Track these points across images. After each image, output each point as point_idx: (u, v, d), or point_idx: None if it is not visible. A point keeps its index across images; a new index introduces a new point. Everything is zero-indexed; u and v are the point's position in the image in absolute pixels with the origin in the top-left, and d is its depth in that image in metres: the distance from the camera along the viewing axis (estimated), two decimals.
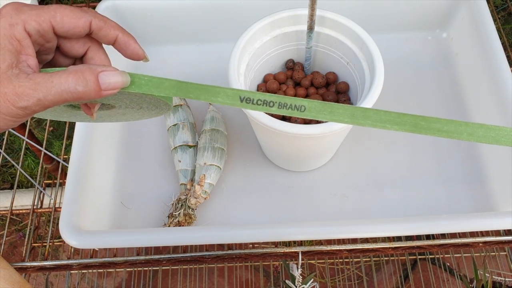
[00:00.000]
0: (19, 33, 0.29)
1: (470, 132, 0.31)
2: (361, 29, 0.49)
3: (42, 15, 0.30)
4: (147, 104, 0.38)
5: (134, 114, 0.41)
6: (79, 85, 0.29)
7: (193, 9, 0.63)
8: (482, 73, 0.57)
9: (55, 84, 0.29)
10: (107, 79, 0.31)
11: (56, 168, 0.82)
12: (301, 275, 0.53)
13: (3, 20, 0.29)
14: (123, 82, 0.31)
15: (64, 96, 0.29)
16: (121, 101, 0.37)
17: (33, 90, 0.29)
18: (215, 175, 0.54)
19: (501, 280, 0.94)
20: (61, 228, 0.47)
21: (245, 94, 0.33)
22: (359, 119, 0.33)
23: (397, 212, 0.54)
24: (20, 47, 0.30)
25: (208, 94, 0.33)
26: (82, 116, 0.42)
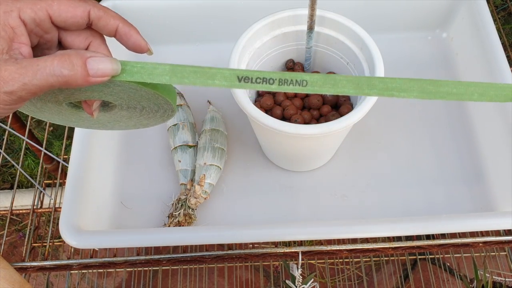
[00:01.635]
0: (13, 20, 0.29)
1: (481, 93, 0.30)
2: (361, 29, 0.49)
3: (39, 4, 0.30)
4: (147, 102, 0.37)
5: (139, 117, 0.40)
6: (64, 69, 0.28)
7: (193, 9, 0.63)
8: (482, 73, 0.57)
9: (40, 67, 0.28)
10: (95, 64, 0.29)
11: (56, 168, 0.82)
12: (301, 275, 0.53)
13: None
14: (113, 69, 0.30)
15: (49, 80, 0.28)
16: (119, 97, 0.36)
17: (18, 74, 0.28)
18: (215, 175, 0.54)
19: (501, 280, 0.94)
20: (61, 228, 0.47)
21: (243, 73, 0.31)
22: (364, 89, 0.31)
23: (397, 212, 0.54)
24: (13, 35, 0.29)
25: (204, 77, 0.31)
26: (89, 121, 0.41)
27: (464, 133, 0.59)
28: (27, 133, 0.68)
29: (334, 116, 0.51)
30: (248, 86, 0.31)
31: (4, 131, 0.84)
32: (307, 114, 0.52)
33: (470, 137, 0.58)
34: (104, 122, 0.42)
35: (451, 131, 0.59)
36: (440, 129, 0.59)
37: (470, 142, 0.58)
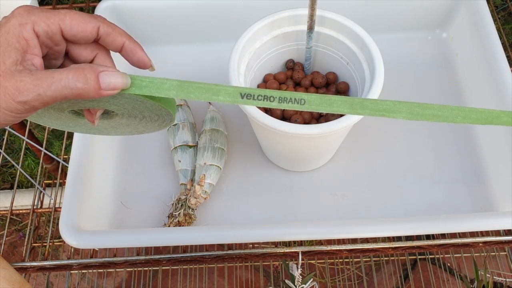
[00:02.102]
0: (27, 32, 0.30)
1: (464, 116, 0.33)
2: (361, 29, 0.49)
3: (52, 18, 0.31)
4: (149, 113, 0.38)
5: (137, 125, 0.41)
6: (79, 82, 0.30)
7: (193, 9, 0.63)
8: (482, 73, 0.57)
9: (55, 79, 0.30)
10: (107, 78, 0.31)
11: (56, 168, 0.82)
12: (301, 275, 0.53)
13: (14, 19, 0.30)
14: (123, 83, 0.32)
15: (63, 92, 0.30)
16: (123, 108, 0.37)
17: (33, 85, 0.29)
18: (215, 175, 0.54)
19: (501, 280, 0.94)
20: (61, 228, 0.47)
21: (246, 91, 0.33)
22: (357, 109, 0.33)
23: (397, 212, 0.54)
24: (27, 46, 0.30)
25: (209, 93, 0.33)
26: (87, 127, 0.42)
27: (464, 133, 0.59)
28: (27, 133, 0.68)
29: (334, 116, 0.51)
30: (250, 103, 0.33)
31: (4, 131, 0.84)
32: (307, 114, 0.52)
33: (470, 137, 0.58)
34: (101, 129, 0.43)
35: (451, 131, 0.59)
36: (440, 129, 0.59)
37: (470, 142, 0.58)
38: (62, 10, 0.32)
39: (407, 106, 0.33)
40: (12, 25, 0.30)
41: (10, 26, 0.30)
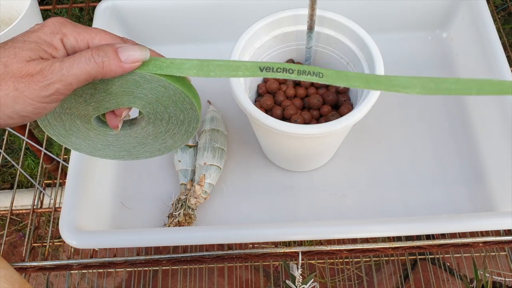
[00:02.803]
0: (57, 41, 0.32)
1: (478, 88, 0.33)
2: (361, 29, 0.49)
3: (82, 34, 0.32)
4: (174, 108, 0.37)
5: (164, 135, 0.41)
6: (99, 56, 0.31)
7: (193, 9, 0.63)
8: (482, 73, 0.57)
9: (76, 57, 0.31)
10: (125, 51, 0.32)
11: (56, 168, 0.82)
12: (301, 275, 0.53)
13: (47, 28, 0.32)
14: (142, 54, 0.32)
15: (86, 67, 0.31)
16: (148, 101, 0.37)
17: (56, 66, 0.30)
18: (215, 175, 0.54)
19: (501, 280, 0.94)
20: (61, 228, 0.47)
21: (265, 64, 0.34)
22: (372, 84, 0.34)
23: (397, 212, 0.54)
24: (55, 53, 0.32)
25: (229, 70, 0.34)
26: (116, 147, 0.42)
27: (464, 133, 0.59)
28: (27, 133, 0.68)
29: (334, 116, 0.51)
30: (269, 75, 0.33)
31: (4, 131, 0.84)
32: (307, 114, 0.52)
33: (470, 137, 0.58)
34: (129, 148, 0.43)
35: (451, 131, 0.59)
36: (440, 129, 0.59)
37: (470, 142, 0.58)
38: (93, 28, 0.33)
39: (421, 81, 0.33)
40: (45, 32, 0.32)
41: (42, 32, 0.32)
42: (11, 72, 0.30)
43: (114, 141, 0.42)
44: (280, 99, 0.53)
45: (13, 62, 0.30)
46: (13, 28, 0.53)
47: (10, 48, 0.31)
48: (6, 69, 0.30)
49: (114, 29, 0.62)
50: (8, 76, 0.30)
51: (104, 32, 0.33)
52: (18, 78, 0.30)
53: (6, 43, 0.31)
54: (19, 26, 0.53)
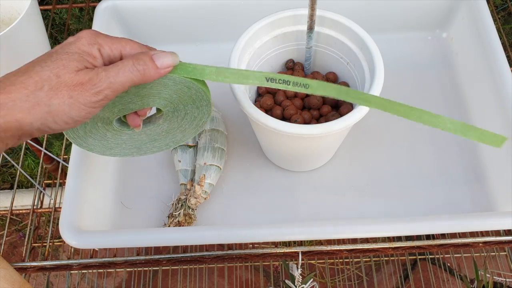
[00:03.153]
0: (95, 51, 0.35)
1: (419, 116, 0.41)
2: (361, 29, 0.49)
3: (115, 44, 0.36)
4: (191, 106, 0.42)
5: (176, 131, 0.45)
6: (139, 65, 0.35)
7: (193, 9, 0.63)
8: (482, 73, 0.57)
9: (120, 67, 0.35)
10: (160, 58, 0.36)
11: (56, 168, 0.82)
12: (301, 275, 0.53)
13: (83, 39, 0.35)
14: (174, 59, 0.37)
15: (130, 76, 0.35)
16: (170, 101, 0.41)
17: (104, 75, 0.34)
18: (215, 175, 0.54)
19: (501, 280, 0.94)
20: (61, 228, 0.47)
21: (270, 76, 0.39)
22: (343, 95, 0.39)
23: (397, 212, 0.54)
24: (94, 62, 0.35)
25: (241, 77, 0.39)
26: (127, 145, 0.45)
27: None
28: None
29: (334, 116, 0.51)
30: (273, 85, 0.39)
31: None
32: (307, 114, 0.52)
33: None
34: (140, 145, 0.46)
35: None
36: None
37: (470, 142, 0.58)
38: (123, 38, 0.37)
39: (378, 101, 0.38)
40: (82, 43, 0.35)
41: (81, 44, 0.35)
42: (64, 82, 0.33)
43: (128, 139, 0.45)
44: (280, 99, 0.53)
45: (64, 73, 0.33)
46: (13, 28, 0.52)
47: (57, 60, 0.34)
48: (59, 80, 0.33)
49: (114, 29, 0.62)
50: (61, 85, 0.33)
51: (132, 42, 0.37)
52: (71, 87, 0.33)
53: (51, 55, 0.34)
54: (19, 26, 0.53)
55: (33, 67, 0.34)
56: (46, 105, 0.33)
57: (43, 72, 0.33)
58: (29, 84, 0.33)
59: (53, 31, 0.88)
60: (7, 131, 0.33)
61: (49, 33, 0.72)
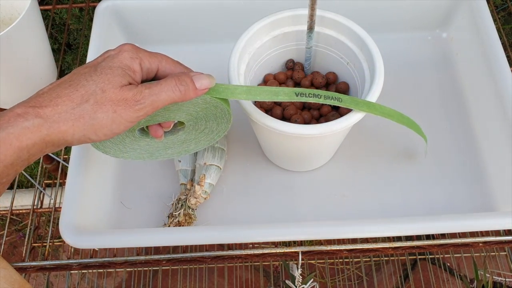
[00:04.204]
0: (136, 65, 0.37)
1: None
2: (361, 29, 0.49)
3: (153, 58, 0.38)
4: (212, 122, 0.44)
5: (191, 142, 0.47)
6: (181, 85, 0.37)
7: (193, 9, 0.63)
8: (482, 73, 0.57)
9: (163, 86, 0.37)
10: (199, 80, 0.38)
11: (56, 168, 0.82)
12: (301, 275, 0.53)
13: (126, 53, 0.37)
14: (211, 82, 0.39)
15: (171, 95, 0.37)
16: (195, 116, 0.43)
17: (147, 93, 0.36)
18: (215, 175, 0.54)
19: (501, 280, 0.94)
20: (61, 228, 0.47)
21: (299, 91, 0.41)
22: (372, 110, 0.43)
23: (397, 212, 0.54)
24: (134, 75, 0.37)
25: (271, 94, 0.41)
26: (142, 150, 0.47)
27: (464, 133, 0.59)
28: None
29: (334, 116, 0.51)
30: (303, 99, 0.41)
31: None
32: (307, 114, 0.52)
33: (470, 137, 0.58)
34: (153, 151, 0.47)
35: (451, 131, 0.59)
36: (440, 129, 0.59)
37: (470, 142, 0.58)
38: (159, 54, 0.39)
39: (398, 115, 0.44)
40: (125, 57, 0.37)
41: (123, 57, 0.37)
42: (109, 97, 0.35)
43: (144, 146, 0.46)
44: None
45: (109, 88, 0.35)
46: (13, 28, 0.52)
47: (102, 75, 0.35)
48: (104, 94, 0.35)
49: (114, 29, 0.62)
50: (106, 100, 0.35)
51: (167, 57, 0.39)
52: (115, 102, 0.35)
53: (95, 69, 0.36)
54: (19, 26, 0.53)
55: (78, 80, 0.35)
56: (91, 118, 0.35)
57: (89, 85, 0.35)
58: (75, 97, 0.34)
59: (53, 31, 0.88)
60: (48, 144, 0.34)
61: (49, 33, 0.72)
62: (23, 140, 0.33)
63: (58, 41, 0.90)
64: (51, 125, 0.34)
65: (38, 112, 0.34)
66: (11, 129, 0.33)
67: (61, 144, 0.35)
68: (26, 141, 0.33)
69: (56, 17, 0.85)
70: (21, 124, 0.33)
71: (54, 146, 0.35)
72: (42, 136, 0.34)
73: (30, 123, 0.33)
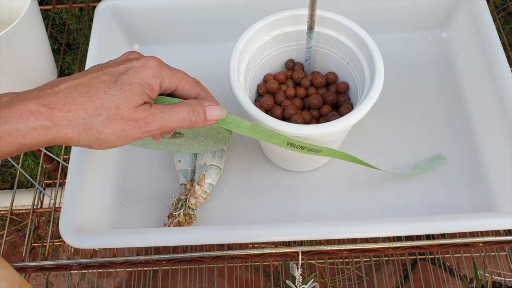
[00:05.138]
0: (156, 85, 0.37)
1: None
2: (361, 29, 0.49)
3: (174, 77, 0.38)
4: (212, 140, 0.45)
5: (186, 146, 0.48)
6: (193, 116, 0.38)
7: (193, 9, 0.63)
8: (482, 73, 0.57)
9: (176, 113, 0.37)
10: (211, 111, 0.39)
11: (56, 168, 0.82)
12: (301, 275, 0.53)
13: (149, 70, 0.37)
14: (221, 114, 0.40)
15: (181, 123, 0.37)
16: (196, 133, 0.44)
17: (158, 117, 0.36)
18: (215, 175, 0.54)
19: (501, 280, 0.94)
20: (61, 228, 0.47)
21: (291, 141, 0.43)
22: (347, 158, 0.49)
23: (397, 212, 0.54)
24: (152, 94, 0.37)
25: (268, 137, 0.43)
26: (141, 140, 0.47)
27: (464, 133, 0.59)
28: None
29: (334, 116, 0.51)
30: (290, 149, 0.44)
31: None
32: (307, 114, 0.52)
33: (470, 137, 0.58)
34: (144, 142, 0.47)
35: (451, 131, 0.59)
36: (440, 129, 0.59)
37: (470, 142, 0.58)
38: (180, 72, 0.39)
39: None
40: (147, 74, 0.37)
41: (146, 74, 0.37)
42: (121, 115, 0.35)
43: None
44: (280, 99, 0.53)
45: (125, 107, 0.35)
46: (13, 28, 0.52)
47: (121, 90, 0.35)
48: (117, 112, 0.35)
49: (114, 29, 0.62)
50: (118, 118, 0.35)
51: (187, 77, 0.40)
52: (126, 120, 0.35)
53: (115, 80, 0.35)
54: (19, 26, 0.53)
55: (96, 89, 0.35)
56: (99, 132, 0.35)
57: (106, 99, 0.35)
58: (90, 108, 0.35)
59: (53, 31, 0.88)
60: (50, 143, 0.35)
61: (49, 33, 0.72)
62: (28, 139, 0.34)
63: (58, 41, 0.90)
64: (59, 129, 0.34)
65: (50, 115, 0.34)
66: (20, 125, 0.33)
67: (61, 144, 0.36)
68: (30, 140, 0.34)
69: (56, 17, 0.85)
70: (31, 123, 0.33)
71: (55, 144, 0.36)
72: (48, 138, 0.34)
73: (40, 125, 0.34)
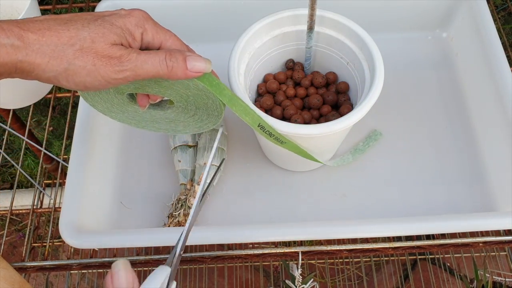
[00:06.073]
0: (138, 34, 0.36)
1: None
2: (361, 29, 0.49)
3: (160, 34, 0.37)
4: (203, 111, 0.43)
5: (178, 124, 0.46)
6: (170, 61, 0.35)
7: (193, 8, 0.63)
8: (482, 73, 0.57)
9: (151, 55, 0.35)
10: (193, 61, 0.36)
11: (56, 168, 0.82)
12: (301, 275, 0.53)
13: (132, 18, 0.36)
14: (206, 67, 0.37)
15: (157, 67, 0.35)
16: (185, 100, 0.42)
17: (134, 57, 0.34)
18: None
19: (501, 280, 0.94)
20: (61, 228, 0.47)
21: (262, 123, 0.43)
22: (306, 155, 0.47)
23: (397, 212, 0.54)
24: (132, 42, 0.36)
25: (243, 113, 0.41)
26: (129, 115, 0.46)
27: (464, 133, 0.59)
28: (27, 133, 0.68)
29: (334, 116, 0.51)
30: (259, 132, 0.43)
31: (4, 131, 0.84)
32: (307, 114, 0.52)
33: (470, 137, 0.58)
34: (140, 120, 0.46)
35: (451, 131, 0.59)
36: (440, 129, 0.59)
37: (470, 142, 0.58)
38: (168, 31, 0.38)
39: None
40: (130, 22, 0.35)
41: (128, 21, 0.35)
42: (95, 49, 0.33)
43: (132, 112, 0.45)
44: (280, 99, 0.53)
45: (100, 41, 0.34)
46: None
47: (99, 27, 0.34)
48: (92, 45, 0.33)
49: None
50: (91, 51, 0.33)
51: (175, 37, 0.38)
52: (99, 56, 0.33)
53: (96, 19, 0.34)
54: None
55: (75, 21, 0.34)
56: (68, 62, 0.33)
57: (82, 31, 0.33)
58: (64, 36, 0.33)
59: None
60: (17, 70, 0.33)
61: None
62: None
63: None
64: (28, 53, 0.32)
65: (22, 35, 0.32)
66: None
67: (29, 76, 0.34)
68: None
69: None
70: (1, 40, 0.32)
71: (23, 74, 0.34)
72: (15, 61, 0.32)
73: (10, 42, 0.32)
